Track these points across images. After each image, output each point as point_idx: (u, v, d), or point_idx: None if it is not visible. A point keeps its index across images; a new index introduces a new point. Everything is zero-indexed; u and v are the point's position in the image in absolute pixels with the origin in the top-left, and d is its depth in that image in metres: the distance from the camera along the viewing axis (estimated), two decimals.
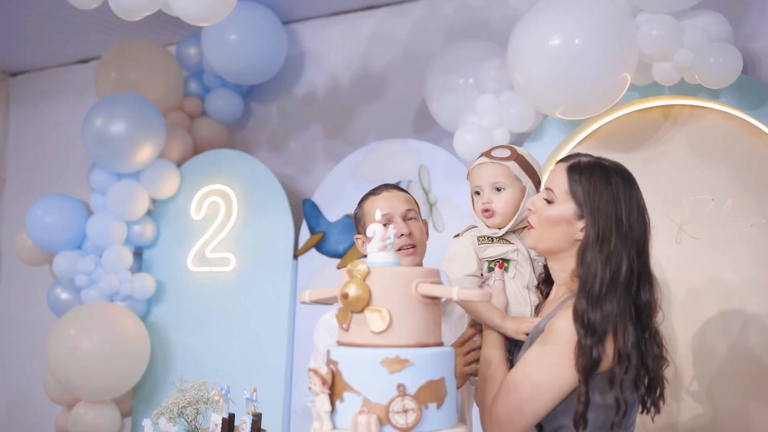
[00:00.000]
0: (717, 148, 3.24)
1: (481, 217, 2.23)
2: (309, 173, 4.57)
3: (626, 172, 2.04)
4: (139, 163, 4.30)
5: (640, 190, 2.03)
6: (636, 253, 1.96)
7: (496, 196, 2.20)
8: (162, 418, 2.71)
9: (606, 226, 1.94)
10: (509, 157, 2.22)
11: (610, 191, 1.97)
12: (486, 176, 2.22)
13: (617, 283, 1.91)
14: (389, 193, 2.46)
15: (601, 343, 1.87)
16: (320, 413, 1.81)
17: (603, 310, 1.89)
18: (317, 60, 4.67)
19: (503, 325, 2.09)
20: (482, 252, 2.19)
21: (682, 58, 2.98)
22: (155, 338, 4.45)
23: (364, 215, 2.47)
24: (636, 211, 1.98)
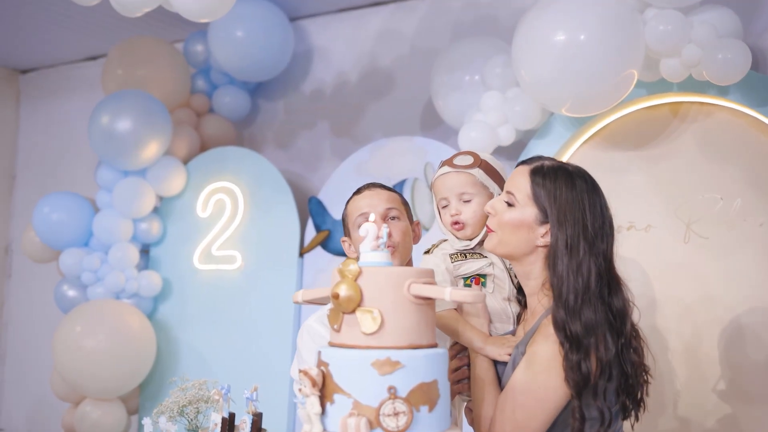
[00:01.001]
0: (726, 146, 3.18)
1: (450, 230, 2.15)
2: (316, 171, 4.54)
3: (589, 177, 1.99)
4: (146, 160, 4.29)
5: (603, 195, 1.98)
6: (603, 260, 1.92)
7: (465, 207, 2.12)
8: (162, 417, 2.70)
9: (573, 233, 1.90)
10: (473, 164, 2.14)
11: (575, 197, 1.93)
12: (451, 187, 2.14)
13: (590, 291, 1.87)
14: (371, 191, 2.37)
15: (587, 357, 1.83)
16: (310, 415, 1.78)
17: (582, 320, 1.84)
18: (324, 57, 4.65)
19: (484, 348, 2.03)
20: (457, 270, 2.12)
21: (689, 54, 2.92)
22: (161, 336, 4.44)
23: (347, 216, 2.40)
24: (600, 216, 1.94)
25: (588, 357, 1.83)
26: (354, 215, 2.34)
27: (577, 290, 1.87)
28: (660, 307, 3.22)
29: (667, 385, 3.16)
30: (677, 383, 3.17)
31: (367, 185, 2.42)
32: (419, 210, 3.85)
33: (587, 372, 1.83)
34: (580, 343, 1.84)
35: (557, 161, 2.04)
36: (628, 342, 1.92)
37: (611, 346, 1.87)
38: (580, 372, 1.83)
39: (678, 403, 3.14)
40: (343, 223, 2.44)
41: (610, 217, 1.98)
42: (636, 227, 3.29)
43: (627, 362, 1.91)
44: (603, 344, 1.85)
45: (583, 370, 1.83)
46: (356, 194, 2.40)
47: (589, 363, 1.83)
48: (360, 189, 2.42)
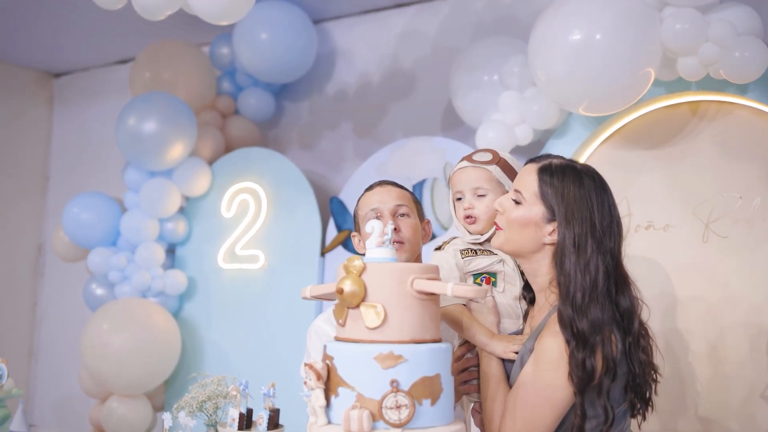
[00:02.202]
0: (745, 144, 3.15)
1: (463, 224, 2.18)
2: (339, 171, 4.59)
3: (598, 176, 1.99)
4: (171, 161, 4.37)
5: (611, 194, 1.99)
6: (611, 258, 1.92)
7: (478, 202, 2.14)
8: (182, 412, 2.76)
9: (581, 231, 1.90)
10: (491, 161, 2.17)
11: (583, 195, 1.93)
12: (467, 181, 2.16)
13: (597, 289, 1.88)
14: (382, 188, 2.40)
15: (593, 354, 1.84)
16: (315, 408, 1.82)
17: (589, 318, 1.85)
18: (348, 58, 4.69)
19: (491, 345, 2.04)
20: (467, 266, 2.13)
21: (706, 53, 2.91)
22: (186, 334, 4.52)
23: (357, 211, 2.43)
24: (608, 215, 1.94)
25: (593, 355, 1.84)
26: (364, 211, 2.37)
27: (585, 288, 1.88)
28: (680, 307, 3.20)
29: (689, 386, 3.14)
30: (698, 384, 3.15)
31: (379, 182, 2.45)
32: (438, 210, 3.86)
33: (591, 370, 1.84)
34: (586, 341, 1.85)
35: (566, 159, 2.04)
36: (636, 341, 1.92)
37: (617, 344, 1.88)
38: (584, 370, 1.84)
39: (699, 404, 3.12)
40: (354, 219, 2.48)
41: (618, 216, 1.99)
42: (654, 227, 3.27)
43: (635, 361, 1.91)
44: (609, 342, 1.86)
45: (587, 368, 1.84)
46: (368, 191, 2.44)
47: (594, 361, 1.84)
48: (372, 186, 2.45)
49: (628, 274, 1.97)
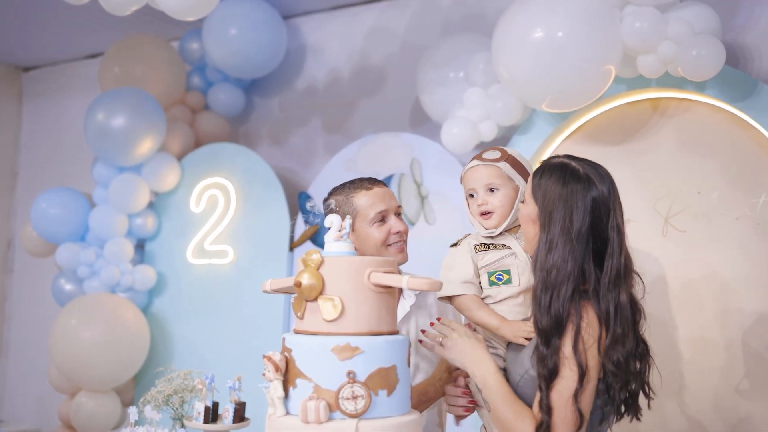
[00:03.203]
0: (704, 140, 3.22)
1: (478, 219, 2.24)
2: (309, 167, 4.61)
3: (586, 177, 1.97)
4: (140, 156, 4.38)
5: (605, 195, 1.96)
6: (595, 259, 1.93)
7: (491, 197, 2.22)
8: (148, 406, 2.77)
9: (555, 232, 1.93)
10: (500, 158, 2.24)
11: (563, 196, 1.94)
12: (479, 178, 2.24)
13: (561, 289, 1.89)
14: (381, 189, 2.44)
15: (556, 353, 1.87)
16: (273, 399, 1.85)
17: (550, 315, 1.88)
18: (317, 54, 4.71)
19: (501, 329, 2.09)
20: (481, 260, 2.20)
21: (665, 51, 2.97)
22: (156, 329, 4.53)
23: (355, 210, 2.40)
24: (589, 218, 1.93)
25: (556, 353, 1.88)
26: (370, 212, 2.39)
27: (549, 289, 1.91)
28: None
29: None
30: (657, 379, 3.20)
31: (372, 181, 2.48)
32: (406, 205, 3.90)
33: (554, 367, 1.88)
34: (549, 339, 1.89)
35: (564, 159, 2.04)
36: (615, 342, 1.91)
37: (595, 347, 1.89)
38: (547, 366, 1.88)
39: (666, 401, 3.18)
40: (340, 213, 2.42)
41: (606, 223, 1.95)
42: None
43: (609, 362, 1.91)
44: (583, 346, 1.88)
45: (549, 365, 1.88)
46: (362, 188, 2.43)
47: (558, 359, 1.88)
48: (366, 184, 2.45)
49: (621, 278, 1.95)
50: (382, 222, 2.40)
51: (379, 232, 2.38)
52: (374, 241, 2.38)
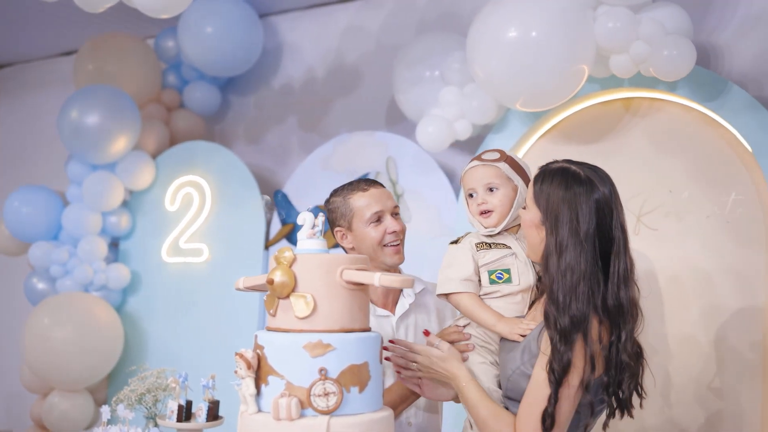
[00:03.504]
0: (675, 140, 3.26)
1: (478, 218, 2.27)
2: (284, 165, 4.60)
3: (588, 179, 2.00)
4: (114, 154, 4.35)
5: (607, 197, 2.00)
6: (604, 261, 1.96)
7: (490, 196, 2.24)
8: (120, 405, 2.76)
9: (564, 234, 1.96)
10: (499, 159, 2.28)
11: (567, 200, 1.98)
12: (478, 178, 2.27)
13: (578, 289, 1.92)
14: (377, 190, 2.49)
15: (572, 349, 1.90)
16: (246, 396, 1.86)
17: (570, 315, 1.91)
18: (293, 53, 4.71)
19: (498, 326, 2.12)
20: (481, 258, 2.22)
21: (637, 51, 3.00)
22: (130, 328, 4.50)
23: (351, 212, 2.46)
24: (595, 219, 1.96)
25: (572, 350, 1.91)
26: (366, 213, 2.44)
27: (566, 289, 1.94)
28: None
29: None
30: None
31: (368, 182, 2.53)
32: None
33: (567, 362, 1.90)
34: (567, 337, 1.91)
35: (564, 163, 2.08)
36: (619, 340, 1.96)
37: (602, 340, 1.94)
38: (562, 363, 1.90)
39: None
40: (340, 216, 2.51)
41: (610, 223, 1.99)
42: None
43: (613, 361, 1.96)
44: (590, 339, 1.92)
45: (565, 362, 1.90)
46: (359, 190, 2.48)
47: (572, 355, 1.91)
48: (361, 185, 2.50)
49: (629, 277, 2.00)
50: (378, 222, 2.44)
51: (375, 232, 2.43)
52: (371, 241, 2.43)
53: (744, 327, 3.06)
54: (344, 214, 2.48)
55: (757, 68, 3.29)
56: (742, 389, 3.04)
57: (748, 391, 3.02)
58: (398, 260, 2.48)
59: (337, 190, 2.56)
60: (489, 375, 2.14)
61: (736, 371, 3.06)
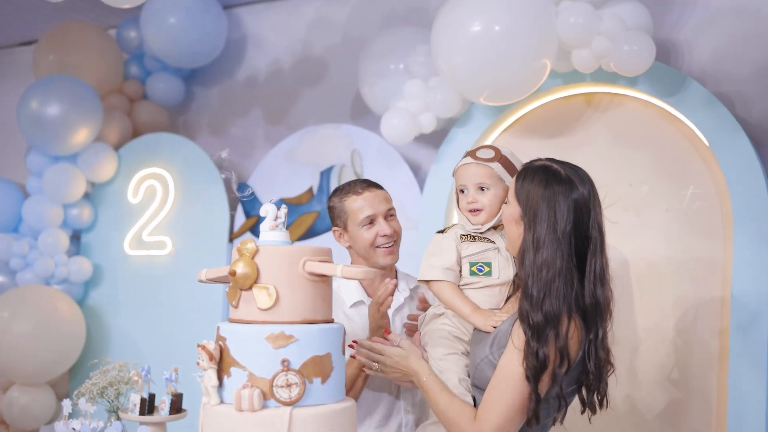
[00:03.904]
0: (635, 134, 3.31)
1: (466, 215, 2.29)
2: (249, 157, 4.58)
3: (568, 179, 2.03)
4: (76, 145, 4.30)
5: (585, 197, 2.03)
6: (577, 257, 1.99)
7: (481, 196, 2.26)
8: (82, 399, 2.73)
9: (541, 231, 1.98)
10: (493, 159, 2.28)
11: (546, 197, 2.00)
12: (470, 176, 2.28)
13: (553, 286, 1.95)
14: (371, 193, 2.54)
15: (546, 345, 1.93)
16: (208, 388, 1.85)
17: (543, 311, 1.94)
18: (258, 44, 4.68)
19: (473, 317, 2.15)
20: (465, 250, 2.25)
21: (599, 46, 3.04)
22: (92, 321, 4.46)
23: (346, 213, 2.53)
24: (573, 218, 1.99)
25: (546, 345, 1.93)
26: (359, 216, 2.50)
27: (540, 285, 1.96)
28: None
29: None
30: None
31: (364, 185, 2.57)
32: None
33: (544, 359, 1.93)
34: (540, 333, 1.94)
35: (547, 161, 2.10)
36: (597, 337, 2.00)
37: (575, 335, 1.97)
38: (537, 358, 1.93)
39: None
40: (336, 216, 2.58)
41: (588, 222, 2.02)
42: None
43: (591, 357, 1.99)
44: (564, 335, 1.95)
45: (540, 357, 1.93)
46: (354, 193, 2.54)
47: (547, 350, 1.93)
48: (356, 188, 2.55)
49: (605, 276, 2.03)
50: (371, 225, 2.50)
51: (368, 234, 2.50)
52: (364, 242, 2.50)
53: (701, 318, 3.13)
54: (340, 215, 2.55)
55: (715, 65, 3.36)
56: (700, 378, 3.10)
57: (705, 379, 3.09)
58: (391, 261, 2.53)
59: (336, 190, 2.63)
60: (459, 365, 2.17)
61: (694, 361, 3.12)
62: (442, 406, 2.06)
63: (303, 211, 4.05)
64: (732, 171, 3.05)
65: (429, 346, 2.23)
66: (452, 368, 2.15)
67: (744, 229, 3.01)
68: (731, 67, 3.33)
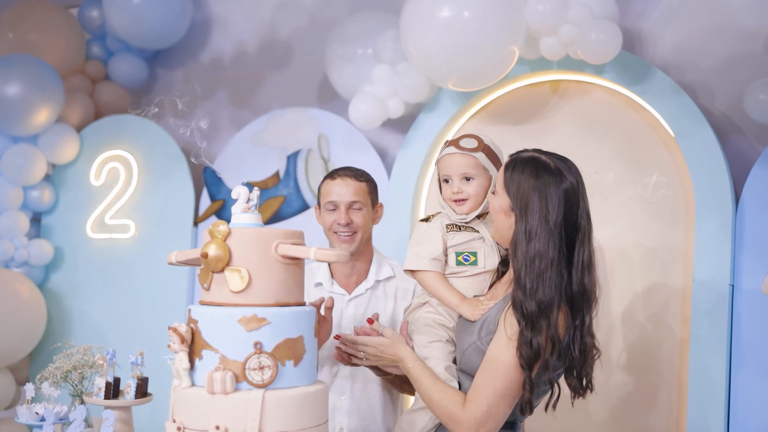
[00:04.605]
0: (601, 122, 3.36)
1: (450, 205, 2.30)
2: (213, 141, 4.53)
3: (557, 170, 2.05)
4: (36, 126, 4.21)
5: (574, 187, 2.05)
6: (568, 248, 2.01)
7: (466, 186, 2.27)
8: (45, 383, 2.70)
9: (533, 222, 2.00)
10: (477, 148, 2.28)
11: (538, 188, 2.01)
12: (455, 166, 2.28)
13: (545, 275, 1.97)
14: (343, 181, 2.63)
15: (540, 334, 1.95)
16: (179, 371, 1.84)
17: (536, 300, 1.96)
18: (223, 26, 4.63)
19: (460, 307, 2.16)
20: (450, 240, 2.26)
21: (566, 34, 3.07)
22: (53, 305, 4.39)
23: (320, 194, 2.68)
24: (563, 208, 2.01)
25: (540, 334, 1.95)
26: (324, 200, 2.64)
27: (533, 275, 1.98)
28: None
29: None
30: None
31: (343, 173, 2.66)
32: (311, 180, 3.91)
33: (538, 348, 1.95)
34: (534, 322, 1.96)
35: (534, 152, 2.12)
36: (585, 325, 2.03)
37: (564, 323, 2.00)
38: (531, 347, 1.95)
39: None
40: (318, 192, 2.72)
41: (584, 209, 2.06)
42: None
43: (576, 344, 2.02)
44: (556, 323, 1.97)
45: (534, 346, 1.95)
46: (329, 177, 2.67)
47: (541, 339, 1.95)
48: (335, 174, 2.67)
49: (592, 264, 2.05)
50: (334, 210, 2.60)
51: (328, 218, 2.61)
52: (324, 225, 2.64)
53: (663, 304, 3.19)
54: (318, 194, 2.71)
55: (678, 55, 3.42)
56: (668, 363, 3.17)
57: (671, 365, 3.16)
58: (346, 249, 2.58)
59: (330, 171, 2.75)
60: (444, 352, 2.19)
61: (662, 346, 3.19)
62: (429, 391, 2.08)
63: (270, 195, 4.03)
64: (695, 160, 3.11)
65: (414, 334, 2.25)
66: (437, 355, 2.17)
67: (706, 218, 3.08)
68: (694, 57, 3.39)
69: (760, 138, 3.23)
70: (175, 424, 1.81)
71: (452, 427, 2.04)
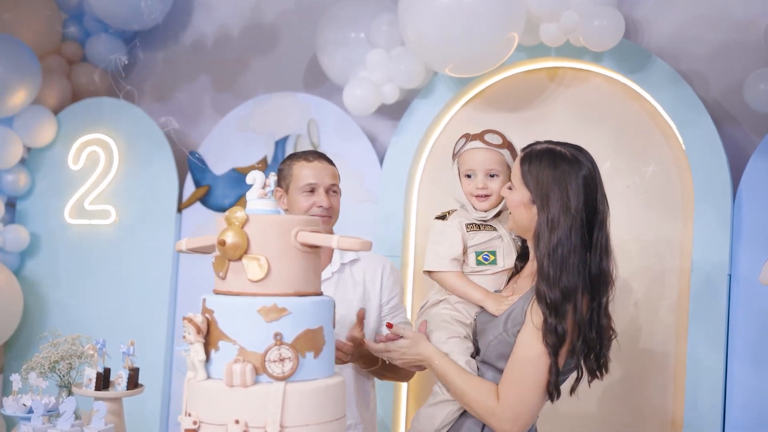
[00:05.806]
0: (598, 110, 3.33)
1: (472, 200, 2.28)
2: (196, 125, 4.43)
3: (574, 158, 2.08)
4: (12, 108, 4.07)
5: (592, 173, 2.09)
6: (588, 233, 2.03)
7: (491, 182, 2.27)
8: (32, 373, 2.61)
9: (555, 212, 2.02)
10: (502, 145, 2.30)
11: (557, 178, 2.04)
12: (481, 161, 2.28)
13: (568, 263, 1.99)
14: (320, 164, 2.60)
15: (564, 320, 1.97)
16: (194, 362, 1.77)
17: (561, 288, 1.97)
18: (206, 8, 4.52)
19: (485, 302, 2.18)
20: (470, 239, 2.25)
21: (567, 20, 3.04)
22: (29, 293, 4.26)
23: (291, 177, 2.59)
24: (583, 194, 2.04)
25: (564, 320, 1.97)
26: (301, 182, 2.56)
27: (557, 265, 1.99)
28: None
29: None
30: None
31: (316, 155, 2.64)
32: None
33: (563, 333, 1.97)
34: (558, 310, 1.97)
35: (548, 144, 2.13)
36: (602, 308, 2.05)
37: (587, 308, 2.02)
38: (556, 334, 1.97)
39: None
40: (281, 177, 2.63)
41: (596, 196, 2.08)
42: None
43: (593, 326, 2.04)
44: (580, 309, 1.99)
45: (559, 332, 1.97)
46: (304, 160, 2.61)
47: (566, 325, 1.97)
48: (308, 156, 2.63)
49: (610, 249, 2.08)
50: (311, 193, 2.55)
51: (305, 201, 2.55)
52: (299, 208, 2.55)
53: (661, 294, 3.19)
54: (285, 177, 2.62)
55: (674, 43, 3.40)
56: (663, 347, 3.17)
57: (666, 349, 3.16)
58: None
59: (290, 155, 2.69)
60: (462, 347, 2.18)
61: (652, 335, 3.19)
62: (461, 387, 2.09)
63: None
64: (694, 150, 3.10)
65: (432, 331, 2.24)
66: (456, 350, 2.16)
67: (704, 208, 3.07)
68: (690, 45, 3.38)
69: (757, 128, 3.24)
70: (190, 417, 1.73)
71: (490, 420, 2.04)
